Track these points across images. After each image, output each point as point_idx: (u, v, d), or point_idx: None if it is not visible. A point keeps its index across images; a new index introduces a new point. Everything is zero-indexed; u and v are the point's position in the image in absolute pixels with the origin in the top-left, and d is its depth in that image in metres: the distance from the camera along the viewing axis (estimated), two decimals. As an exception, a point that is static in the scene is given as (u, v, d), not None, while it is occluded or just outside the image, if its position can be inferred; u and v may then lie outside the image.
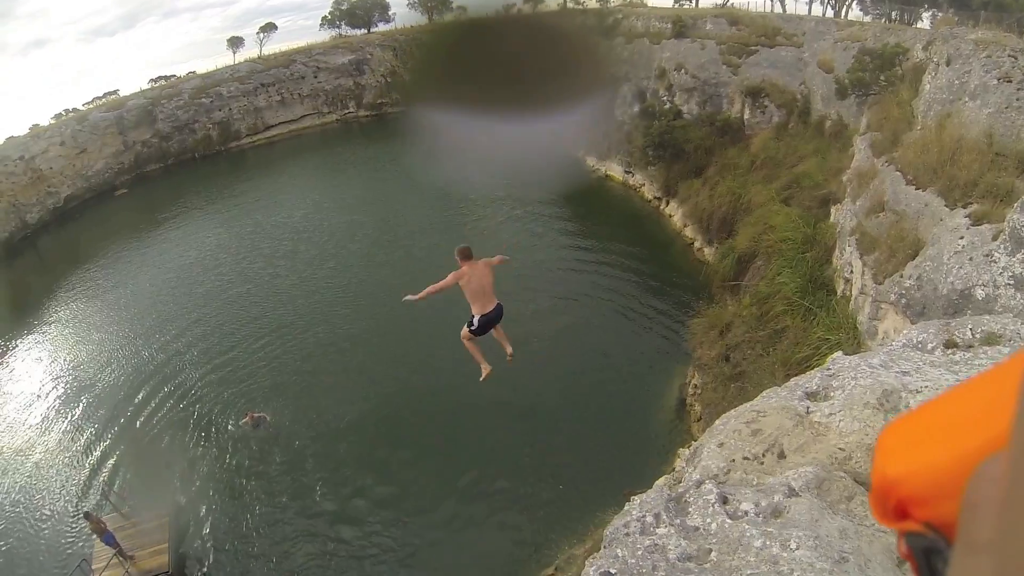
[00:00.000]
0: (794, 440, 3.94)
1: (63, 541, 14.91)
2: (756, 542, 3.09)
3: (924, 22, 27.17)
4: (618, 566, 3.19)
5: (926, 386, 4.03)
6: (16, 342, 24.62)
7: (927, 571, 0.51)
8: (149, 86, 48.36)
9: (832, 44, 22.63)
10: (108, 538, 13.17)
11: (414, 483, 15.05)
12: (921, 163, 11.78)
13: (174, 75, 50.25)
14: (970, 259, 8.70)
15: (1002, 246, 8.23)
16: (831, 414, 4.02)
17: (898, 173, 12.39)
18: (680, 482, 4.14)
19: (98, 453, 17.37)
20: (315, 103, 50.09)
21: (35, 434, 18.81)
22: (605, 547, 3.47)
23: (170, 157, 44.50)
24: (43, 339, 24.76)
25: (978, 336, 4.76)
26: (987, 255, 8.43)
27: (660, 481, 4.55)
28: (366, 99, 51.03)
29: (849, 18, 30.65)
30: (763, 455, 3.93)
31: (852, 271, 13.73)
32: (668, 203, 27.10)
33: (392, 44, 51.84)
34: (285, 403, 18.08)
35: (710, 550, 3.18)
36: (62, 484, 16.60)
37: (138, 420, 18.44)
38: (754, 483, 3.72)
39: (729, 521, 3.30)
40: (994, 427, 0.47)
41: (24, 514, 15.84)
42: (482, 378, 8.08)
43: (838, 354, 5.03)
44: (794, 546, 2.99)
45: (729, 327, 16.89)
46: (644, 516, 3.53)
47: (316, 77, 50.03)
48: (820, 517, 3.20)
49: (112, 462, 17.01)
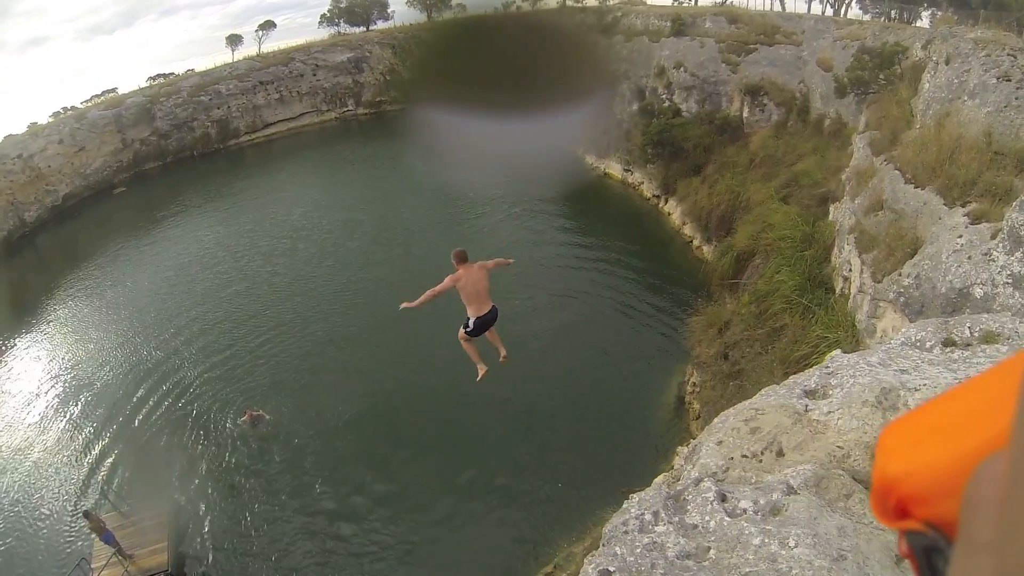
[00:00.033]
0: (793, 438, 3.95)
1: (62, 540, 14.91)
2: (755, 540, 3.09)
3: (923, 21, 27.11)
4: (617, 564, 3.19)
5: (924, 384, 4.03)
6: (15, 341, 24.60)
7: (927, 570, 0.51)
8: (148, 84, 48.34)
9: (831, 43, 22.61)
10: (107, 537, 13.17)
11: (413, 481, 15.06)
12: (920, 162, 11.78)
13: (173, 73, 50.29)
14: (968, 258, 8.71)
15: (1000, 245, 8.23)
16: (829, 412, 4.02)
17: (897, 172, 12.39)
18: (679, 480, 4.15)
19: (97, 452, 17.37)
20: (314, 101, 50.01)
21: (34, 433, 18.81)
22: (604, 545, 3.47)
23: (169, 155, 44.45)
24: (42, 338, 24.75)
25: (976, 335, 4.77)
26: (985, 254, 8.43)
27: (659, 479, 4.56)
28: (365, 97, 50.95)
29: (848, 17, 30.59)
30: (762, 453, 3.94)
31: (851, 269, 13.73)
32: (667, 201, 27.10)
33: (391, 42, 51.77)
34: (284, 401, 18.08)
35: (709, 548, 3.18)
36: (61, 483, 16.60)
37: (137, 418, 18.43)
38: (753, 481, 3.72)
39: (728, 519, 3.30)
40: (994, 426, 0.47)
41: (23, 513, 15.84)
42: (479, 378, 8.34)
43: (837, 352, 5.03)
44: (793, 544, 2.99)
45: (728, 325, 16.90)
46: (643, 514, 3.54)
47: (315, 75, 49.94)
48: (819, 515, 3.21)
49: (111, 461, 17.01)
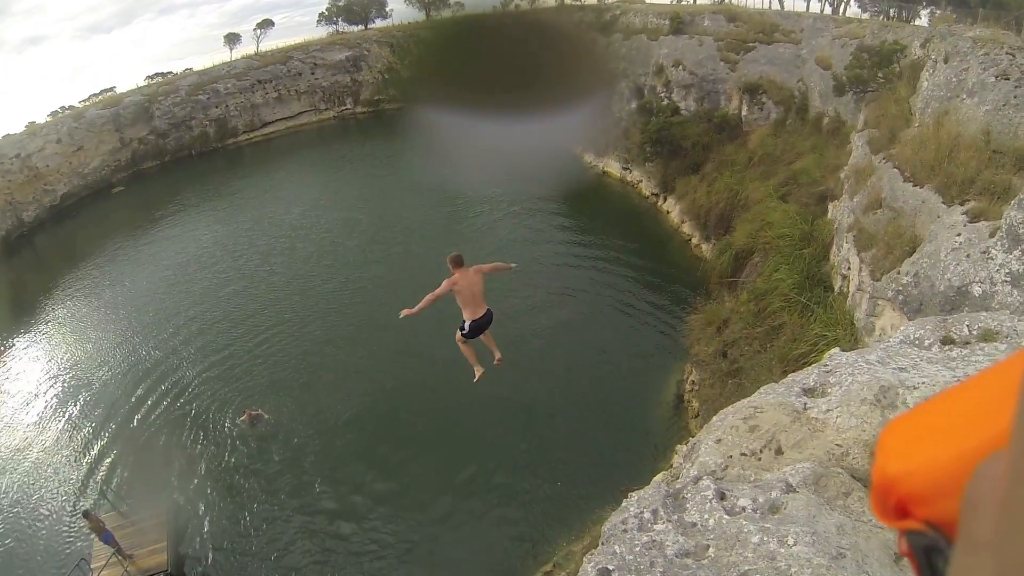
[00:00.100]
0: (791, 436, 3.95)
1: (61, 540, 14.91)
2: (754, 538, 3.09)
3: (922, 19, 27.10)
4: (616, 563, 3.19)
5: (923, 382, 4.04)
6: (13, 340, 24.57)
7: (927, 570, 0.51)
8: (146, 83, 48.19)
9: (830, 41, 22.60)
10: (107, 537, 13.16)
11: (413, 479, 15.06)
12: (919, 160, 11.79)
13: (171, 72, 50.11)
14: (967, 256, 8.71)
15: (999, 243, 8.23)
16: (828, 410, 4.02)
17: (895, 170, 12.39)
18: (678, 478, 4.15)
19: (96, 451, 17.36)
20: (312, 100, 49.93)
21: (33, 433, 18.79)
22: (603, 544, 3.47)
23: (167, 154, 44.38)
24: (40, 337, 24.72)
25: (975, 333, 4.77)
26: (984, 252, 8.43)
27: (658, 477, 4.56)
28: (363, 96, 50.87)
29: (847, 15, 30.59)
30: (760, 451, 3.94)
31: (849, 267, 13.74)
32: (666, 199, 27.11)
33: (389, 40, 51.70)
34: (283, 400, 18.07)
35: (708, 546, 3.18)
36: (60, 483, 16.59)
37: (135, 418, 18.42)
38: (751, 479, 3.72)
39: (727, 517, 3.30)
40: (995, 426, 0.47)
41: (22, 513, 15.83)
42: (475, 379, 8.60)
43: (835, 350, 5.04)
44: (792, 542, 3.00)
45: (726, 323, 16.92)
46: (642, 512, 3.54)
47: (313, 74, 49.86)
48: (817, 513, 3.21)
49: (110, 460, 17.00)
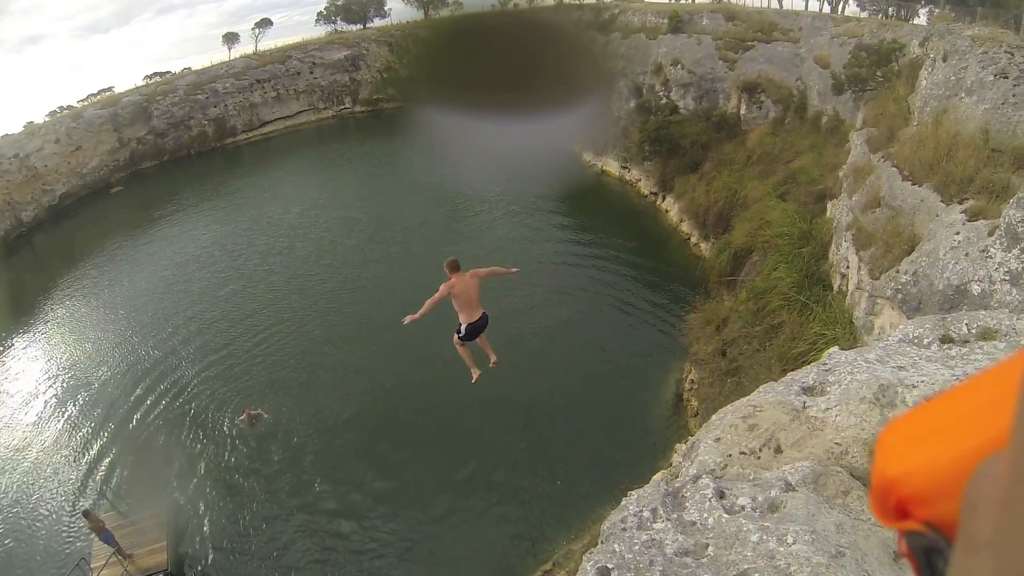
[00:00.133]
0: (791, 435, 3.95)
1: (61, 540, 14.90)
2: (753, 536, 3.10)
3: (921, 18, 27.08)
4: (616, 561, 3.19)
5: (922, 381, 4.04)
6: (12, 340, 24.54)
7: (927, 570, 0.51)
8: (144, 83, 48.07)
9: (829, 40, 22.61)
10: (107, 537, 13.16)
11: (412, 478, 15.06)
12: (917, 159, 11.79)
13: (169, 71, 49.98)
14: (966, 255, 8.72)
15: (998, 242, 8.24)
16: (827, 409, 4.03)
17: (894, 169, 12.40)
18: (677, 477, 4.15)
19: (95, 451, 17.34)
20: (311, 99, 49.87)
21: (32, 433, 18.77)
22: (602, 542, 3.48)
23: (165, 154, 44.31)
24: (39, 337, 24.68)
25: (974, 331, 4.77)
26: (983, 251, 8.44)
27: (657, 476, 4.56)
28: (362, 95, 50.81)
29: (846, 14, 30.55)
30: (760, 450, 3.94)
31: (848, 266, 13.75)
32: (664, 198, 27.11)
33: (388, 39, 51.64)
34: (282, 400, 18.06)
35: (707, 545, 3.19)
36: (59, 483, 16.57)
37: (135, 418, 18.40)
38: (751, 478, 3.73)
39: (726, 516, 3.30)
40: (994, 426, 0.47)
41: (22, 513, 15.82)
42: (472, 381, 8.86)
43: (834, 349, 5.04)
44: (791, 540, 3.00)
45: (725, 322, 16.92)
46: (641, 511, 3.54)
47: (312, 73, 49.79)
48: (817, 512, 3.21)
49: (109, 460, 16.98)
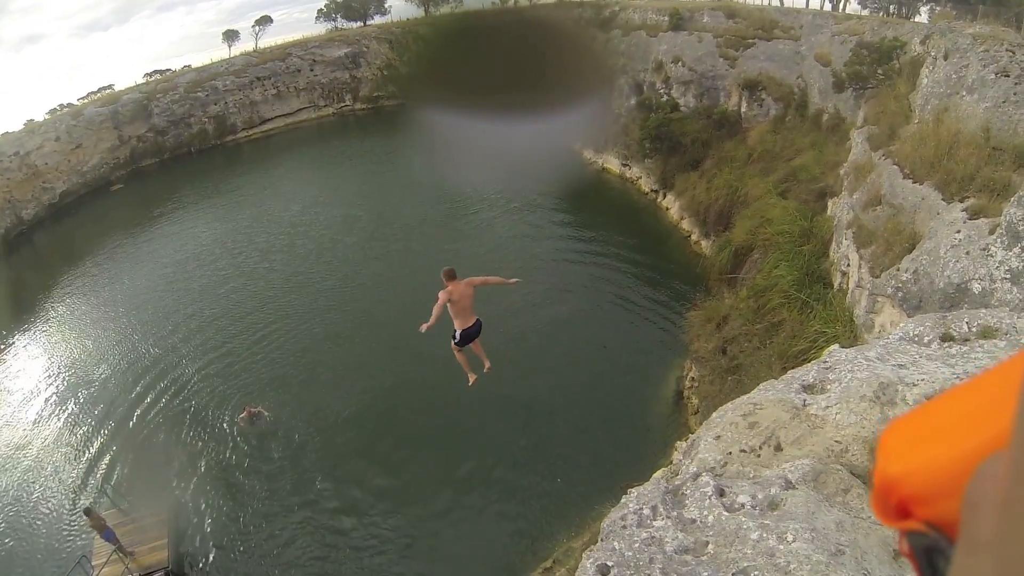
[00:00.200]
0: (791, 433, 3.96)
1: (62, 537, 14.92)
2: (753, 534, 3.10)
3: (922, 16, 27.09)
4: (615, 559, 3.20)
5: (922, 379, 4.04)
6: (13, 339, 24.55)
7: (928, 570, 0.51)
8: (144, 80, 47.97)
9: (830, 37, 22.56)
10: (108, 534, 13.18)
11: (412, 475, 15.08)
12: (918, 157, 11.78)
13: (169, 69, 49.91)
14: (967, 253, 8.72)
15: (998, 240, 8.23)
16: (828, 407, 4.03)
17: (895, 167, 12.38)
18: (677, 475, 4.16)
19: (96, 449, 17.35)
20: (311, 96, 49.78)
21: (33, 430, 18.79)
22: (602, 540, 3.48)
23: (166, 152, 44.26)
24: (40, 335, 24.69)
25: (974, 330, 4.77)
26: (984, 249, 8.44)
27: (657, 474, 4.56)
28: (362, 92, 50.73)
29: (847, 11, 30.51)
30: (760, 448, 3.95)
31: (849, 264, 13.74)
32: (665, 196, 27.08)
33: (388, 37, 51.56)
34: (283, 397, 18.07)
35: (707, 542, 3.19)
36: (60, 481, 16.59)
37: (135, 415, 18.41)
38: (751, 476, 3.73)
39: (726, 514, 3.31)
40: (995, 426, 0.47)
41: (23, 511, 15.83)
42: (469, 385, 9.26)
43: (835, 347, 5.05)
44: (791, 538, 3.00)
45: (726, 320, 16.92)
46: (641, 509, 3.54)
47: (312, 70, 49.71)
48: (817, 510, 3.22)
49: (110, 458, 16.99)
